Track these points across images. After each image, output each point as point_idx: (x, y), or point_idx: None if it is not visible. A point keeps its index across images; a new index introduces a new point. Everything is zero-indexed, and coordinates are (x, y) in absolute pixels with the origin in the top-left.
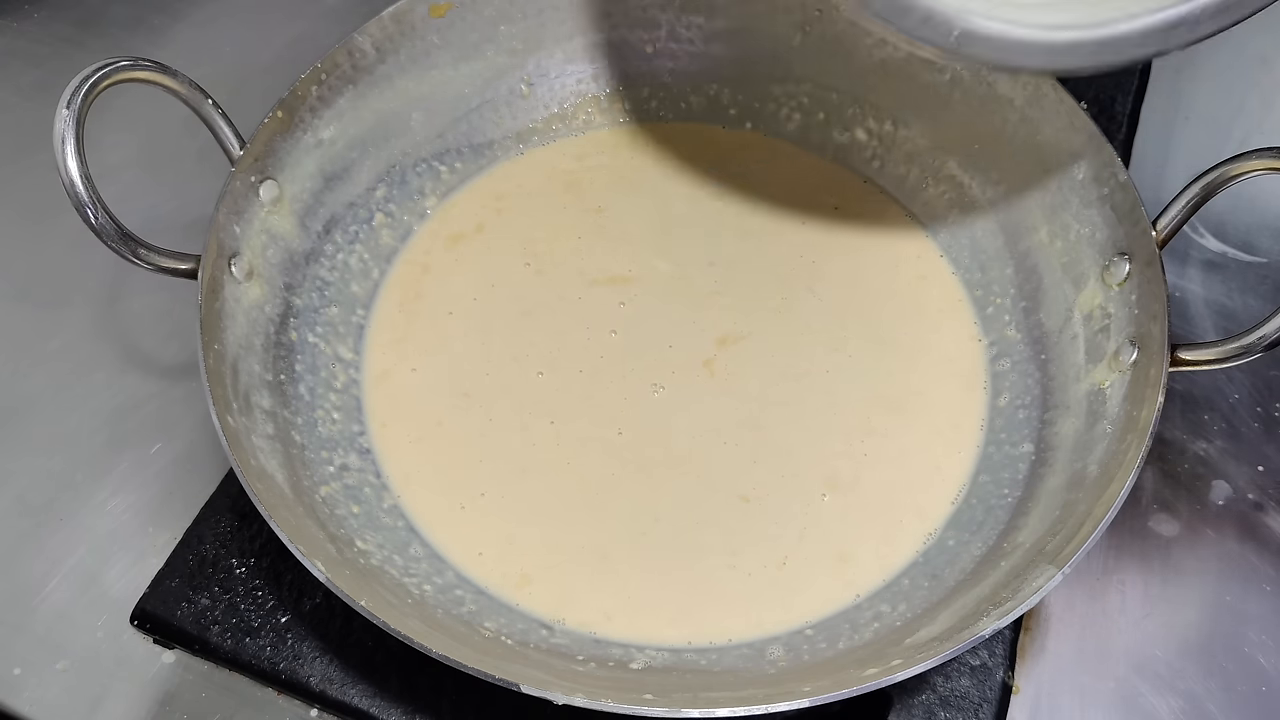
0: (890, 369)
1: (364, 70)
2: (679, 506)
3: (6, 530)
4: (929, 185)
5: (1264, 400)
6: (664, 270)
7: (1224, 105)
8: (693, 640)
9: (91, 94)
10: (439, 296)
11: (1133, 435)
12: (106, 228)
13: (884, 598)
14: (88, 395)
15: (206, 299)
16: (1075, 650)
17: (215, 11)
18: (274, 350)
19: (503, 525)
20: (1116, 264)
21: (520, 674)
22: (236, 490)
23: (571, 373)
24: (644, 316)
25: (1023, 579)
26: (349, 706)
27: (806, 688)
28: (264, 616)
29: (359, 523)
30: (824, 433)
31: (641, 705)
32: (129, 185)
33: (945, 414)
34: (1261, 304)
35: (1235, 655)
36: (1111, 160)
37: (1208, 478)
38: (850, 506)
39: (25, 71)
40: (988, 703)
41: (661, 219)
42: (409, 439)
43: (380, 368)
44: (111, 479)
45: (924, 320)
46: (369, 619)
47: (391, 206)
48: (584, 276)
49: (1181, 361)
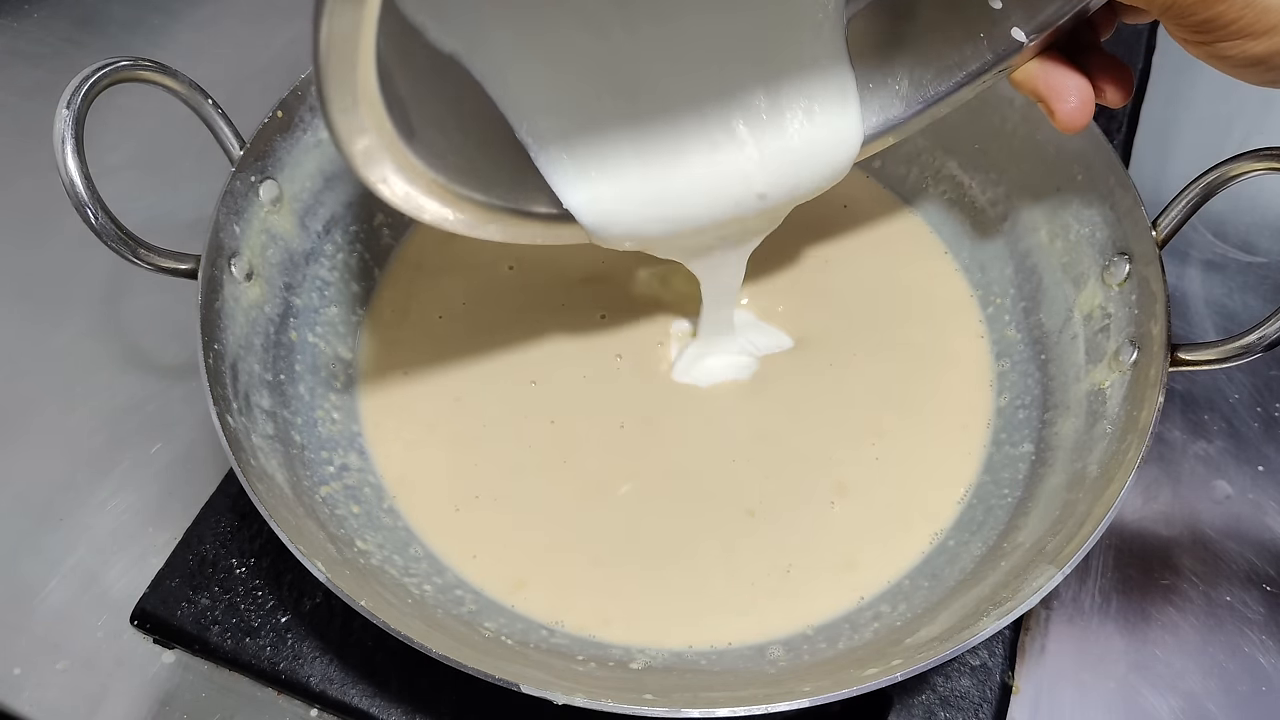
0: (900, 370)
1: None
2: (679, 512)
3: (6, 530)
4: (929, 185)
5: (1264, 400)
6: (660, 270)
7: (1224, 105)
8: (693, 644)
9: (91, 94)
10: (430, 298)
11: (1133, 435)
12: (106, 228)
13: (884, 598)
14: (88, 395)
15: (206, 299)
16: (1075, 650)
17: (215, 11)
18: (274, 350)
19: (497, 529)
20: (1116, 264)
21: (520, 674)
22: (236, 490)
23: (564, 377)
24: (641, 318)
25: (1023, 579)
26: (349, 706)
27: (806, 688)
28: (264, 616)
29: (359, 523)
30: (834, 438)
31: (641, 705)
32: (129, 185)
33: (954, 414)
34: (1261, 304)
35: (1235, 655)
36: (1111, 160)
37: (1208, 478)
38: (859, 512)
39: (25, 71)
40: (988, 703)
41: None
42: (403, 441)
43: (373, 369)
44: (111, 479)
45: (932, 319)
46: (369, 619)
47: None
48: (568, 278)
49: (1181, 361)
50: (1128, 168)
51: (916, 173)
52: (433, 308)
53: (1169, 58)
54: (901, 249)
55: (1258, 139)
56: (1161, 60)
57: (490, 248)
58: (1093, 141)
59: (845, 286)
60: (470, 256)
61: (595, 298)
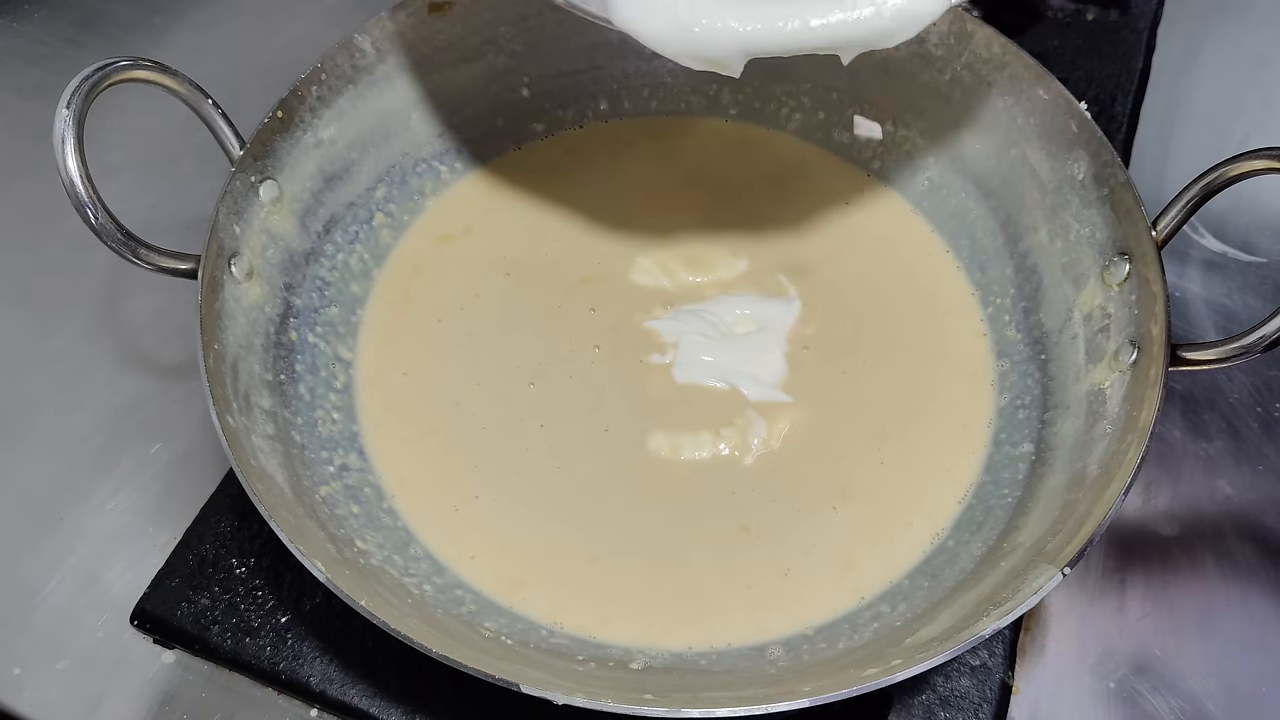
0: (901, 369)
1: (364, 70)
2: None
3: (6, 530)
4: (929, 184)
5: (1264, 400)
6: (657, 269)
7: (1224, 105)
8: (693, 645)
9: (91, 94)
10: (428, 300)
11: (1133, 435)
12: (106, 228)
13: (885, 598)
14: (88, 395)
15: (206, 299)
16: (1075, 650)
17: (215, 11)
18: (274, 350)
19: (497, 529)
20: (1116, 264)
21: (520, 674)
22: (236, 490)
23: (563, 378)
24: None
25: (1023, 579)
26: (349, 706)
27: (806, 688)
28: (264, 616)
29: (359, 523)
30: (838, 438)
31: (641, 705)
32: (129, 185)
33: (956, 414)
34: (1261, 304)
35: (1235, 655)
36: (1111, 160)
37: (1208, 478)
38: (861, 515)
39: (25, 71)
40: (988, 703)
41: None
42: (401, 442)
43: (372, 369)
44: (111, 479)
45: (932, 319)
46: (369, 619)
47: (391, 206)
48: (565, 281)
49: (1181, 361)
50: (1128, 168)
51: (917, 172)
52: (432, 309)
53: (1169, 58)
54: (902, 249)
55: (1258, 139)
56: (1161, 60)
57: (490, 249)
58: (1093, 142)
59: (846, 286)
60: (470, 257)
61: (594, 299)
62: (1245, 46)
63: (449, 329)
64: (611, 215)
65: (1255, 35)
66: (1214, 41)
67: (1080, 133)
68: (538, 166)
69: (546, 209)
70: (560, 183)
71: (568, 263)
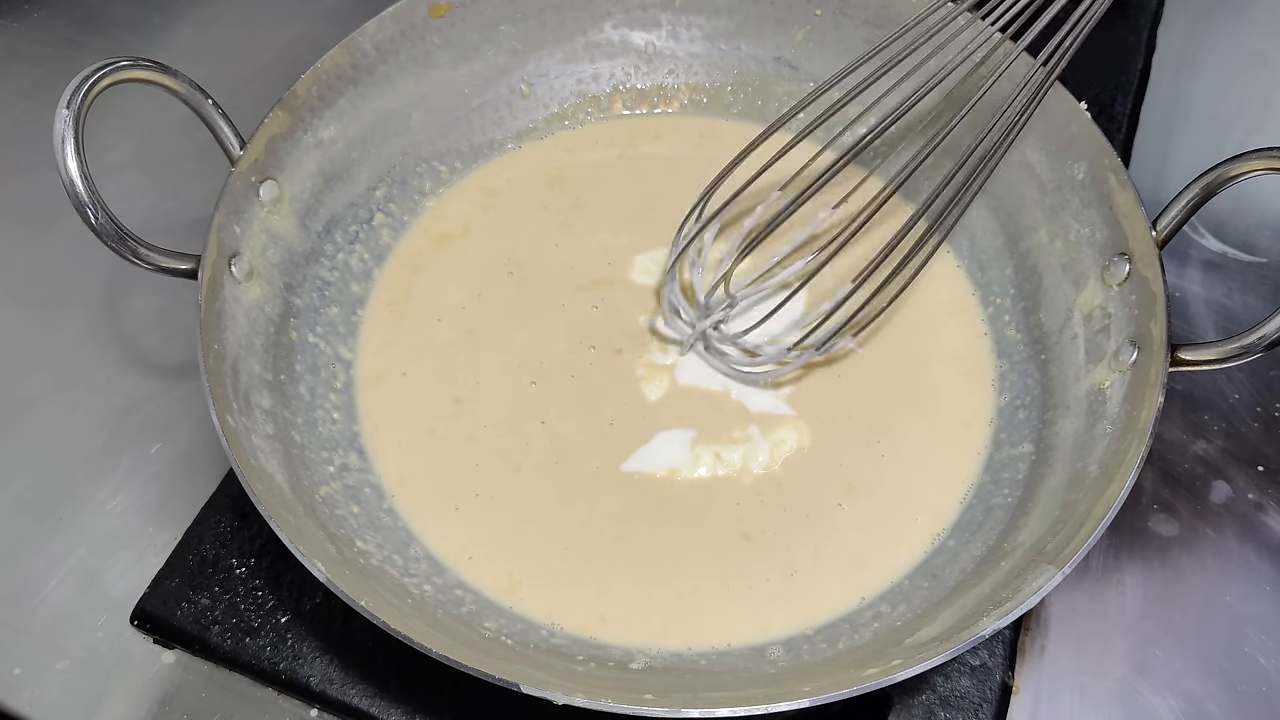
0: (902, 369)
1: (364, 70)
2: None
3: (6, 530)
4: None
5: (1264, 400)
6: (657, 269)
7: (1224, 105)
8: (693, 645)
9: (91, 94)
10: (428, 301)
11: (1133, 435)
12: (106, 228)
13: (885, 598)
14: (88, 395)
15: (206, 299)
16: (1075, 650)
17: (215, 11)
18: (274, 350)
19: (496, 529)
20: (1116, 264)
21: (520, 674)
22: (236, 490)
23: (563, 378)
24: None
25: (1023, 579)
26: (349, 706)
27: (806, 688)
28: (264, 616)
29: (359, 523)
30: (841, 438)
31: (641, 705)
32: (129, 185)
33: (956, 414)
34: (1261, 304)
35: (1235, 655)
36: (1111, 160)
37: (1208, 478)
38: (867, 509)
39: (25, 71)
40: (988, 703)
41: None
42: (401, 442)
43: (372, 369)
44: (111, 479)
45: (932, 319)
46: (369, 619)
47: (391, 206)
48: (566, 280)
49: (1181, 361)
50: (1128, 168)
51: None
52: (432, 309)
53: (1169, 58)
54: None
55: (1258, 139)
56: (1161, 60)
57: (490, 249)
58: (1093, 142)
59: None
60: (470, 257)
61: (595, 300)
62: (1245, 46)
63: (449, 329)
64: (612, 215)
65: (1255, 35)
66: (1214, 41)
67: (1080, 133)
68: (538, 166)
69: (546, 209)
70: (560, 183)
71: (568, 262)
